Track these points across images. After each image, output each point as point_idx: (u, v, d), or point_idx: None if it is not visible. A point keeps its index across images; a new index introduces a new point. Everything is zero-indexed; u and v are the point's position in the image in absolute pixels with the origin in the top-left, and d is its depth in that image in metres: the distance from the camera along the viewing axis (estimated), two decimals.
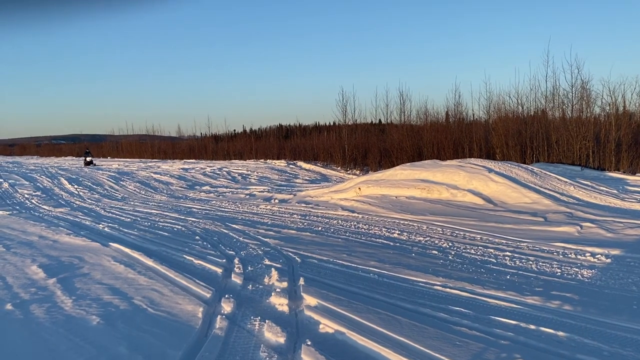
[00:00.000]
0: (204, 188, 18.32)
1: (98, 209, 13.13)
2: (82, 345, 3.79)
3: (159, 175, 22.51)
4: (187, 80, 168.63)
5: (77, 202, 14.93)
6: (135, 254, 6.93)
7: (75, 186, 19.30)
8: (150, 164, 33.28)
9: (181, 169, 26.60)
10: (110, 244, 7.71)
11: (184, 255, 6.81)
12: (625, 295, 4.67)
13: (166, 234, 8.78)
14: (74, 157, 54.85)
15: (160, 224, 10.01)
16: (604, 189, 11.37)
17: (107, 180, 21.07)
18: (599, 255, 6.17)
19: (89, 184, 20.11)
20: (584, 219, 8.38)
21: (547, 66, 23.61)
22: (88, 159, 33.16)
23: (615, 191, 11.21)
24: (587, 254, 6.26)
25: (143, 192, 17.58)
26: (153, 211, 12.20)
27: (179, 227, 9.50)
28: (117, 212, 12.17)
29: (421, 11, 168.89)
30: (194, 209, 12.32)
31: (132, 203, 14.37)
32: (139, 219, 10.80)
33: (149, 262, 6.42)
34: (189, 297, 4.87)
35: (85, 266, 6.38)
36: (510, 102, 20.77)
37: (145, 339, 3.90)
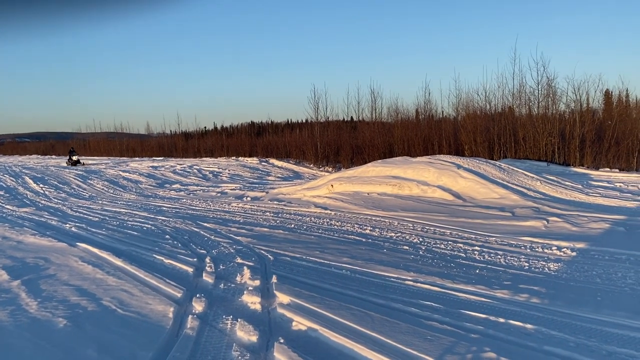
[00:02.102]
0: (174, 186, 18.05)
1: (65, 208, 12.79)
2: (49, 349, 3.69)
3: (127, 174, 22.08)
4: (156, 76, 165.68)
5: (43, 202, 14.52)
6: (104, 254, 6.78)
7: (41, 185, 18.77)
8: (118, 162, 32.60)
9: (150, 167, 26.15)
10: (78, 244, 7.53)
11: (154, 255, 6.69)
12: (590, 287, 4.82)
13: (135, 233, 8.62)
14: (39, 156, 53.27)
15: (130, 223, 9.82)
16: (569, 184, 11.70)
17: (74, 178, 20.56)
18: (565, 249, 6.34)
19: (55, 182, 19.58)
20: (550, 214, 8.59)
21: (514, 64, 24.23)
22: (74, 157, 30.54)
23: (579, 186, 11.55)
24: (554, 248, 6.43)
25: (111, 191, 17.21)
26: (122, 210, 11.96)
27: (149, 226, 9.34)
28: (85, 212, 11.88)
29: (392, 10, 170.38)
30: (164, 208, 12.13)
31: (100, 202, 14.05)
32: (107, 218, 10.57)
33: (118, 262, 6.30)
34: (160, 297, 4.80)
35: (51, 267, 6.21)
36: (479, 99, 21.16)
37: (115, 340, 3.82)
